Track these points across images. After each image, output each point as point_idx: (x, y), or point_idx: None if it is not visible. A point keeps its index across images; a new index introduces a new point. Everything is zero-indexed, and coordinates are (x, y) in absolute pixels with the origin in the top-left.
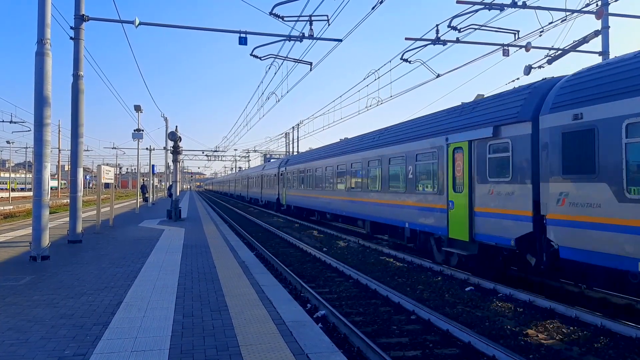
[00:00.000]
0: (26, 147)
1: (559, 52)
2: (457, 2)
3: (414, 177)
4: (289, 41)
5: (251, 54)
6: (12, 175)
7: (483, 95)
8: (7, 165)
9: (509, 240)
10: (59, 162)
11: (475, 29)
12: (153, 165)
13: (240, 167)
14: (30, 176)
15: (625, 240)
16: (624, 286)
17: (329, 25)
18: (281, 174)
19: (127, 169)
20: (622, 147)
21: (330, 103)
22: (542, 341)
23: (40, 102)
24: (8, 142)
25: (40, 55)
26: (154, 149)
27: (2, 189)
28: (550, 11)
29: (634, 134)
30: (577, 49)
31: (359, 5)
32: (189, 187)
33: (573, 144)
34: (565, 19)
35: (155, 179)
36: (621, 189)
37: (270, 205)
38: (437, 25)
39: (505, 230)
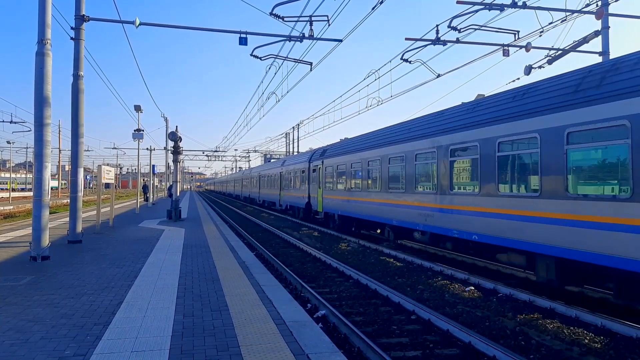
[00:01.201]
0: (26, 147)
1: (559, 52)
2: (457, 3)
3: None
4: (289, 41)
5: (251, 54)
6: (13, 175)
7: (483, 95)
8: (7, 166)
9: None
10: (59, 162)
11: (475, 29)
12: (153, 166)
13: (240, 167)
14: (31, 176)
15: None
16: None
17: (329, 25)
18: (313, 170)
19: (128, 169)
20: None
21: (330, 103)
22: (542, 341)
23: (41, 102)
24: (8, 142)
25: (40, 56)
26: (154, 149)
27: (2, 189)
28: (550, 11)
29: None
30: (577, 49)
31: (359, 5)
32: (189, 187)
33: None
34: (565, 19)
35: (155, 179)
36: None
37: (295, 211)
38: (437, 26)
39: None
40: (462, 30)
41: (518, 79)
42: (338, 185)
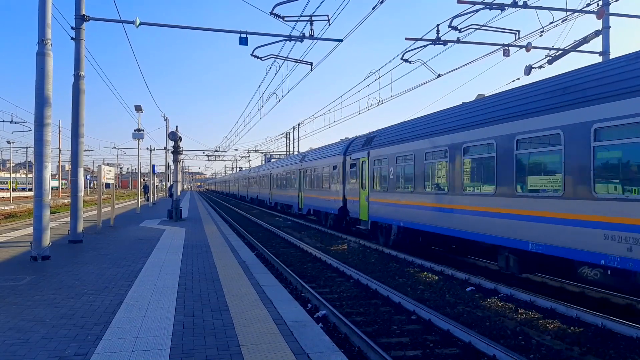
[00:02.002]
0: (27, 147)
1: (560, 52)
2: (458, 2)
3: None
4: (290, 41)
5: (252, 54)
6: (13, 175)
7: (484, 95)
8: (7, 165)
9: None
10: (59, 162)
11: (476, 29)
12: (154, 166)
13: (240, 167)
14: (31, 176)
15: None
16: None
17: (329, 25)
18: (352, 165)
19: (128, 168)
20: None
21: (330, 103)
22: (542, 341)
23: (41, 102)
24: (8, 142)
25: (41, 56)
26: (154, 149)
27: (3, 189)
28: (551, 11)
29: None
30: (578, 49)
31: (360, 5)
32: (189, 187)
33: None
34: (566, 19)
35: (155, 179)
36: None
37: (321, 217)
38: (437, 26)
39: None
40: (462, 30)
41: (518, 79)
42: (397, 185)
